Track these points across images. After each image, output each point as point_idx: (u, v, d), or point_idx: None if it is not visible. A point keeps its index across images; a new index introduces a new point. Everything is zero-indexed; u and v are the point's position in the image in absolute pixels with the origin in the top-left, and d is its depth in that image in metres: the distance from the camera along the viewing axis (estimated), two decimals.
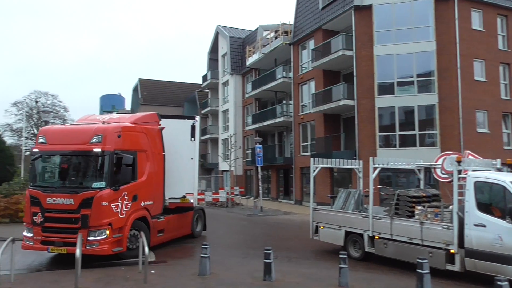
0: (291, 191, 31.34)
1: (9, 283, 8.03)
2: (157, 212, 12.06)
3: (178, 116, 14.41)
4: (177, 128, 13.26)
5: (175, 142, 12.93)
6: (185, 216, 13.94)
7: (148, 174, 11.44)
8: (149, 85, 55.39)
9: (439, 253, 9.44)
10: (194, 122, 13.56)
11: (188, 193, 13.28)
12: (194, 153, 13.45)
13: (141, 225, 11.05)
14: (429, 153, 19.26)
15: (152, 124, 12.24)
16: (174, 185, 12.80)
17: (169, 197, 12.82)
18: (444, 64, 21.39)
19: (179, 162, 12.95)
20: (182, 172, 13.09)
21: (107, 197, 9.90)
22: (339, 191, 13.25)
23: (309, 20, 29.04)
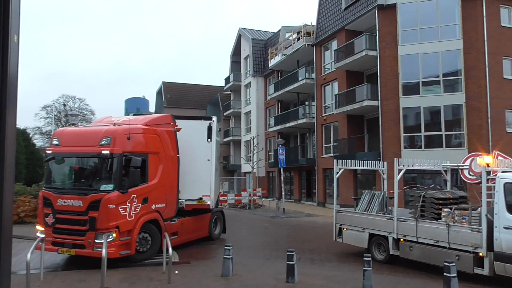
0: (314, 193, 31.13)
1: (39, 282, 8.26)
2: (170, 215, 11.86)
3: (195, 117, 14.25)
4: (193, 129, 13.12)
5: (191, 143, 12.83)
6: (201, 219, 13.68)
7: (161, 176, 11.26)
8: (172, 88, 56.15)
9: (467, 256, 9.19)
10: (210, 123, 13.29)
11: (205, 194, 13.01)
12: (211, 154, 13.18)
13: (151, 228, 10.92)
14: (456, 154, 18.78)
15: (166, 126, 12.06)
16: (190, 187, 12.66)
17: (185, 198, 12.69)
18: (471, 62, 20.85)
19: (195, 163, 12.84)
20: (199, 174, 12.91)
21: (115, 200, 9.80)
22: (363, 193, 13.08)
23: (332, 20, 28.84)
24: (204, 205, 13.02)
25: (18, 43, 1.75)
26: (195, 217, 13.29)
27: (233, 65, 46.70)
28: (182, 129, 12.61)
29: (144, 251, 10.70)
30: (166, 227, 11.40)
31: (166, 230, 11.19)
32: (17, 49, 1.74)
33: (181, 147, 12.40)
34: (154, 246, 10.94)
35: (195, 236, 13.46)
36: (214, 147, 13.19)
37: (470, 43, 20.97)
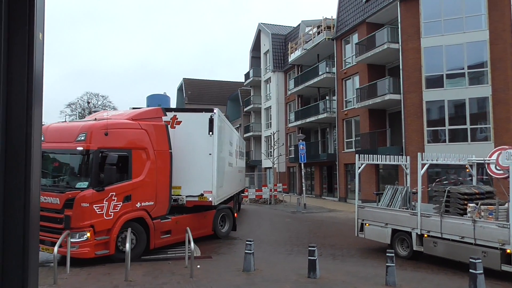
0: (335, 188, 30.91)
1: (65, 274, 8.49)
2: (161, 213, 11.27)
3: (195, 109, 13.53)
4: (194, 122, 12.50)
5: (192, 137, 12.32)
6: (203, 216, 12.94)
7: (148, 173, 10.69)
8: (193, 84, 56.59)
9: (493, 253, 8.97)
10: (212, 115, 12.51)
11: (206, 190, 12.24)
12: (213, 148, 12.43)
13: (137, 227, 10.40)
14: (482, 148, 18.31)
15: (155, 120, 11.42)
16: (191, 183, 12.11)
17: (186, 195, 12.12)
18: (498, 54, 20.24)
19: (196, 158, 12.25)
20: (200, 169, 12.26)
21: (89, 198, 9.37)
22: (386, 188, 12.90)
23: (353, 13, 28.46)
24: (206, 201, 12.28)
25: (43, 41, 1.78)
26: (194, 215, 12.56)
27: (253, 60, 46.67)
28: (183, 123, 12.29)
29: None
30: (156, 225, 10.88)
31: (155, 229, 10.80)
32: (42, 47, 1.77)
33: (181, 141, 12.06)
34: (139, 246, 10.47)
35: (196, 235, 12.13)
36: (216, 140, 12.51)
37: (496, 34, 20.34)
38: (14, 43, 1.66)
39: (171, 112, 12.57)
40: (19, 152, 1.66)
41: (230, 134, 16.66)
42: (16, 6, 1.66)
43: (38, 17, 1.69)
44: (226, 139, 14.91)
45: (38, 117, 1.72)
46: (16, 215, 1.63)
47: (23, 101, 1.67)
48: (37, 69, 1.69)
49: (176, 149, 11.90)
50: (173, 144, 11.82)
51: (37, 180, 1.70)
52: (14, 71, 1.66)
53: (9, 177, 1.64)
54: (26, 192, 1.65)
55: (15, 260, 1.61)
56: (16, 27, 1.66)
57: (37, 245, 1.72)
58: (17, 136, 1.66)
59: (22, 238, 1.62)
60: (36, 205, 1.71)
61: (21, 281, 1.60)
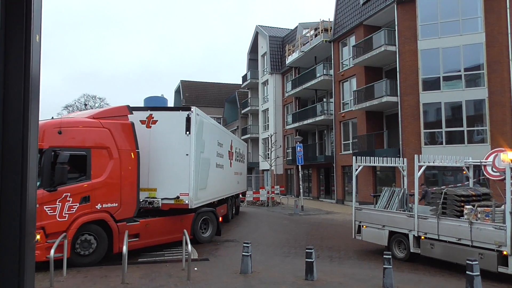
0: (333, 190, 30.94)
1: (62, 277, 8.45)
2: (127, 215, 10.69)
3: (172, 108, 12.75)
4: (170, 121, 11.90)
5: (168, 137, 11.76)
6: (179, 219, 12.22)
7: (110, 173, 10.22)
8: (190, 86, 56.56)
9: (490, 254, 8.99)
10: (189, 114, 11.84)
11: (183, 193, 11.58)
12: (190, 148, 11.75)
13: (97, 229, 9.94)
14: (478, 150, 18.40)
15: (120, 119, 10.92)
16: (167, 185, 11.56)
17: (162, 197, 11.56)
18: (494, 56, 20.34)
19: (172, 159, 11.69)
20: (176, 170, 11.67)
21: (38, 199, 8.72)
22: (383, 190, 12.92)
23: (350, 16, 28.55)
24: (182, 204, 11.60)
25: (40, 43, 1.78)
26: (168, 218, 11.95)
27: (250, 62, 46.73)
28: (159, 122, 11.79)
29: (87, 255, 9.80)
30: (120, 228, 10.29)
31: (119, 232, 10.23)
32: (39, 49, 1.77)
33: (157, 141, 11.63)
34: (100, 249, 10.00)
35: (170, 239, 12.03)
36: (193, 140, 11.83)
37: (493, 37, 20.45)
38: (10, 45, 1.66)
39: (146, 111, 12.00)
40: (15, 154, 1.66)
41: (220, 134, 16.15)
42: (12, 8, 1.66)
43: (35, 19, 1.69)
44: (211, 139, 14.27)
45: (35, 119, 1.72)
46: (12, 217, 1.63)
47: (19, 103, 1.67)
48: (33, 71, 1.69)
49: (152, 150, 11.55)
50: (149, 144, 11.50)
51: (33, 182, 1.70)
52: (10, 73, 1.66)
53: (5, 179, 1.64)
54: (22, 194, 1.65)
55: (10, 263, 1.60)
56: (12, 29, 1.66)
57: (34, 248, 1.71)
58: (13, 138, 1.65)
59: (18, 240, 1.62)
60: (33, 207, 1.70)
61: (17, 284, 1.59)
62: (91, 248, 9.82)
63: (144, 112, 11.95)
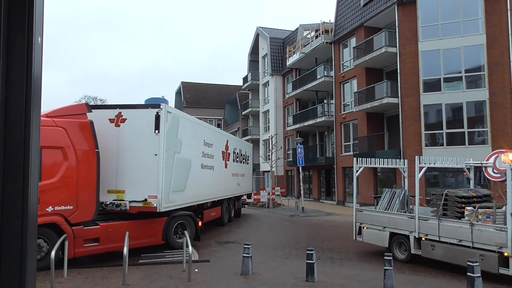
0: (333, 192, 30.93)
1: (62, 278, 8.45)
2: (84, 219, 10.12)
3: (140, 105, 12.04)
4: (139, 120, 11.22)
5: (137, 136, 11.09)
6: (148, 223, 11.48)
7: (64, 174, 9.65)
8: (191, 88, 56.61)
9: (491, 256, 8.98)
10: (158, 111, 11.09)
11: (151, 195, 10.85)
12: (159, 148, 10.99)
13: (48, 233, 9.39)
14: (479, 151, 18.40)
15: (78, 117, 10.33)
16: (135, 187, 10.90)
17: (130, 200, 10.85)
18: (495, 58, 20.35)
19: (141, 159, 11.00)
20: (145, 172, 10.98)
21: None
22: (383, 191, 12.92)
23: (351, 17, 28.57)
24: (150, 207, 10.87)
25: (42, 45, 1.79)
26: (135, 222, 11.23)
27: (251, 64, 46.77)
28: (128, 120, 11.18)
29: (38, 259, 9.15)
30: (76, 232, 9.80)
31: (74, 236, 9.74)
32: (41, 50, 1.78)
33: (126, 140, 11.04)
34: None
35: (139, 244, 11.34)
36: (163, 139, 11.08)
37: (493, 38, 20.46)
38: (13, 47, 1.66)
39: (115, 109, 11.36)
40: (17, 155, 1.66)
41: (207, 134, 15.31)
42: (15, 10, 1.66)
43: (37, 21, 1.69)
44: (193, 139, 13.58)
45: (37, 120, 1.73)
46: (14, 218, 1.63)
47: (21, 104, 1.67)
48: (35, 72, 1.70)
49: (121, 150, 11.04)
50: (118, 144, 11.01)
51: (35, 183, 1.71)
52: (12, 74, 1.66)
53: (7, 180, 1.64)
54: (24, 195, 1.65)
55: (12, 264, 1.61)
56: (15, 31, 1.67)
57: (35, 249, 1.72)
58: (15, 139, 1.66)
59: (19, 241, 1.62)
60: (34, 208, 1.71)
61: (18, 285, 1.60)
62: (43, 252, 9.29)
63: (113, 110, 11.35)
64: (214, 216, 16.75)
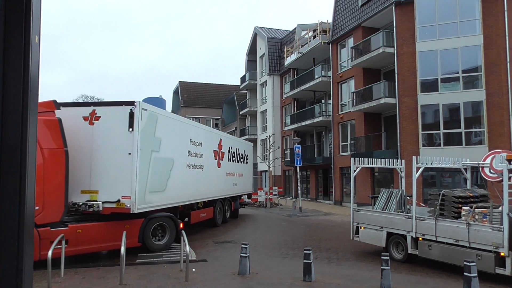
0: (331, 192, 30.97)
1: (59, 278, 8.43)
2: (51, 220, 9.78)
3: (114, 103, 11.54)
4: (113, 118, 10.83)
5: (110, 135, 10.72)
6: (122, 225, 10.92)
7: None
8: (189, 87, 56.55)
9: (488, 256, 9.01)
10: (132, 109, 10.69)
11: (124, 196, 10.44)
12: (133, 146, 10.55)
13: None
14: (476, 151, 18.47)
15: (44, 115, 10.05)
16: (109, 187, 10.53)
17: (103, 200, 10.49)
18: (492, 58, 20.42)
19: (115, 158, 10.62)
20: (118, 171, 10.60)
21: None
22: (381, 191, 12.94)
23: (348, 18, 28.61)
24: (123, 208, 10.46)
25: (39, 44, 1.78)
26: (108, 223, 10.82)
27: (249, 64, 46.75)
28: (102, 118, 10.87)
29: None
30: (42, 234, 9.43)
31: (40, 238, 9.38)
32: (38, 50, 1.77)
33: (100, 139, 10.72)
34: None
35: (112, 246, 10.89)
36: (138, 138, 10.64)
37: (490, 39, 20.54)
38: (9, 46, 1.66)
39: (89, 107, 11.10)
40: (14, 155, 1.66)
41: (195, 132, 14.78)
42: (11, 9, 1.66)
43: (34, 20, 1.69)
44: (176, 137, 13.10)
45: (34, 119, 1.72)
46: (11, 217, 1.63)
47: (18, 103, 1.67)
48: (33, 72, 1.69)
49: (95, 148, 10.73)
50: (92, 143, 10.71)
51: (32, 183, 1.70)
52: (9, 74, 1.66)
53: (4, 180, 1.64)
54: (21, 195, 1.65)
55: (8, 264, 1.60)
56: (11, 30, 1.66)
57: (32, 249, 1.71)
58: (12, 139, 1.66)
59: (16, 241, 1.62)
60: (31, 208, 1.70)
61: (15, 285, 1.59)
62: None
63: (87, 107, 11.10)
64: (204, 217, 16.37)
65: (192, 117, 53.68)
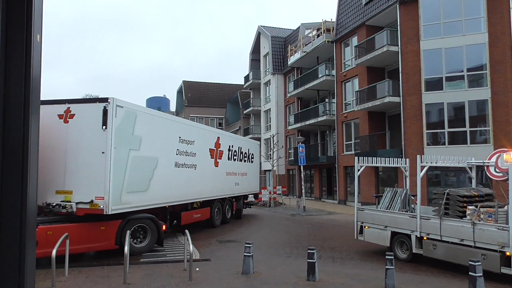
0: (335, 191, 30.91)
1: (64, 277, 8.46)
2: None
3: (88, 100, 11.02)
4: (87, 115, 10.42)
5: (84, 132, 10.34)
6: (98, 226, 10.55)
7: None
8: (193, 87, 56.61)
9: (493, 255, 8.95)
10: (106, 106, 10.31)
11: (98, 196, 10.08)
12: (106, 145, 10.17)
13: None
14: (481, 150, 18.36)
15: None
16: (83, 187, 10.16)
17: (77, 201, 10.11)
18: (497, 56, 20.29)
19: (89, 158, 10.23)
20: (92, 171, 10.22)
21: None
22: (385, 190, 12.90)
23: (352, 16, 28.52)
24: (96, 209, 10.07)
25: (41, 43, 1.78)
26: (81, 224, 10.39)
27: (253, 63, 46.73)
28: (76, 116, 10.52)
29: None
30: None
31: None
32: (40, 48, 1.77)
33: (74, 137, 10.39)
34: None
35: (86, 248, 10.59)
36: (112, 136, 10.26)
37: (495, 37, 20.40)
38: (11, 45, 1.66)
39: (64, 104, 10.73)
40: (16, 154, 1.65)
41: (185, 130, 14.27)
42: (13, 8, 1.66)
43: (35, 19, 1.69)
44: (162, 136, 12.59)
45: (36, 118, 1.72)
46: (13, 216, 1.63)
47: (20, 102, 1.66)
48: (34, 70, 1.69)
49: (69, 147, 10.42)
50: (66, 141, 10.42)
51: (34, 182, 1.70)
52: (11, 72, 1.66)
53: (7, 179, 1.63)
54: (23, 194, 1.65)
55: (11, 262, 1.60)
56: (13, 29, 1.66)
57: (34, 248, 1.71)
58: (14, 137, 1.65)
59: (18, 240, 1.62)
60: (33, 207, 1.70)
61: (17, 284, 1.59)
62: None
63: (62, 105, 10.70)
64: (199, 218, 15.79)
65: (196, 117, 53.76)
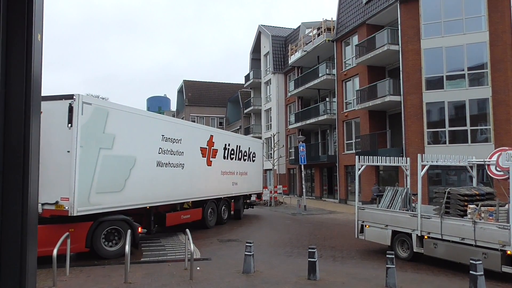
0: (335, 190, 30.91)
1: (65, 277, 8.47)
2: None
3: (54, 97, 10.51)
4: (54, 113, 9.95)
5: (50, 131, 9.86)
6: (66, 228, 9.89)
7: None
8: (193, 86, 56.62)
9: (494, 254, 8.95)
10: (71, 102, 9.91)
11: (63, 197, 9.72)
12: (71, 143, 9.78)
13: None
14: (482, 149, 18.35)
15: None
16: (49, 188, 9.68)
17: (42, 202, 9.73)
18: (498, 55, 20.27)
19: (54, 157, 9.81)
20: (58, 171, 9.83)
21: None
22: (386, 189, 12.89)
23: (353, 15, 28.50)
24: (62, 211, 9.70)
25: (42, 42, 1.78)
26: (47, 226, 9.92)
27: (253, 62, 46.72)
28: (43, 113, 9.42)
29: None
30: None
31: None
32: (41, 48, 1.77)
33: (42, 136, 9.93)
34: None
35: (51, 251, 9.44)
36: (78, 134, 9.87)
37: (496, 35, 20.37)
38: (12, 44, 1.65)
39: None
40: (17, 153, 1.65)
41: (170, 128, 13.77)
42: (14, 7, 1.66)
43: (36, 18, 1.69)
44: (139, 134, 12.12)
45: (37, 117, 1.72)
46: (14, 216, 1.63)
47: (21, 102, 1.66)
48: (35, 70, 1.69)
49: None
50: None
51: (35, 182, 1.70)
52: (12, 72, 1.66)
53: (7, 179, 1.64)
54: (24, 194, 1.65)
55: (12, 262, 1.60)
56: (14, 28, 1.66)
57: (35, 247, 1.71)
58: (15, 137, 1.65)
59: (19, 239, 1.62)
60: (34, 207, 1.70)
61: (18, 283, 1.59)
62: None
63: None
64: (188, 219, 15.16)
65: (196, 116, 53.79)
